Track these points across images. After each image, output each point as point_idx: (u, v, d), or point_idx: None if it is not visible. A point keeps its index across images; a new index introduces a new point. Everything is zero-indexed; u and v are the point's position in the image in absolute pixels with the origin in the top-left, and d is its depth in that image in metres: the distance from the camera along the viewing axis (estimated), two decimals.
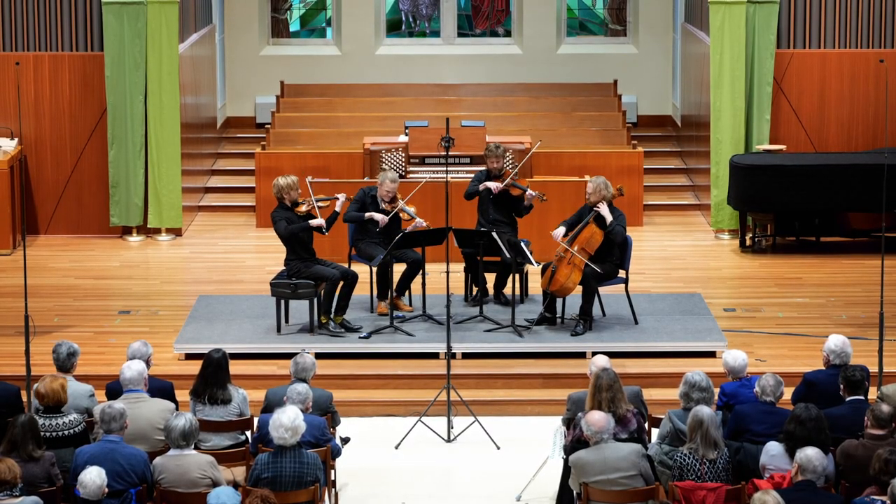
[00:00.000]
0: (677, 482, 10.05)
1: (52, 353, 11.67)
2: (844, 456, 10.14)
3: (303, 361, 11.55)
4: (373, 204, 15.15)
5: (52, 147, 18.42)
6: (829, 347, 11.53)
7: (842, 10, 18.39)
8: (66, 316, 15.54)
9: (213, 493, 9.23)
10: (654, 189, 19.62)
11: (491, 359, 14.35)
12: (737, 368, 11.40)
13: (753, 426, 10.69)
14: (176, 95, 18.15)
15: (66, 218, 18.54)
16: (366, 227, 15.06)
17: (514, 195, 15.11)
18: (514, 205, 15.19)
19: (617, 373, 10.98)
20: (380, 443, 13.25)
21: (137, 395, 11.06)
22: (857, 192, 17.31)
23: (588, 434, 10.33)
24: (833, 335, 11.65)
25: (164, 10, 17.97)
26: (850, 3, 18.38)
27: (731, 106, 18.21)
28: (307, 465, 10.21)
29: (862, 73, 18.41)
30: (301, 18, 22.82)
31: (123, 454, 10.18)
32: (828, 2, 18.36)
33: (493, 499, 12.20)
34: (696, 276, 16.95)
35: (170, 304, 15.95)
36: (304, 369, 11.52)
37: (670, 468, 10.23)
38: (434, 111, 20.02)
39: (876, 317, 13.21)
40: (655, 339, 14.54)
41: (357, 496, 12.20)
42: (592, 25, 22.74)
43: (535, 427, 13.26)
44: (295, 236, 14.40)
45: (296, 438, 10.19)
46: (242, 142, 21.45)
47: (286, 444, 10.17)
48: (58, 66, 18.29)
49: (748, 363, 11.54)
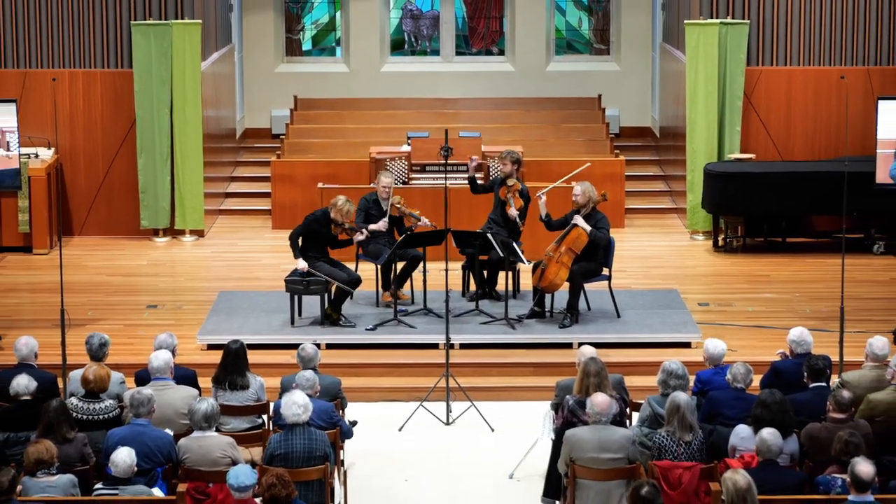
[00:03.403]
0: (656, 461, 10.05)
1: (86, 344, 11.67)
2: (808, 438, 10.14)
3: (305, 353, 11.56)
4: (375, 207, 15.16)
5: (86, 156, 18.41)
6: (790, 338, 11.55)
7: (806, 31, 18.40)
8: (98, 310, 15.54)
9: (233, 472, 9.23)
10: (634, 194, 19.61)
11: (486, 349, 14.34)
12: (716, 356, 11.40)
13: (725, 411, 10.69)
14: (199, 109, 18.15)
15: (98, 220, 18.54)
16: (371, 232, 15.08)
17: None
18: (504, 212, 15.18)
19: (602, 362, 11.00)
20: (384, 426, 13.24)
21: (164, 383, 11.07)
22: (820, 197, 17.32)
23: (590, 413, 10.32)
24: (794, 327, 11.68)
25: (188, 31, 17.98)
26: (814, 24, 18.38)
27: (704, 118, 18.21)
28: (316, 442, 10.22)
29: (824, 88, 18.40)
30: (313, 38, 22.81)
31: (151, 436, 10.18)
32: (793, 23, 18.37)
33: (488, 476, 12.20)
34: (672, 274, 16.95)
35: (193, 299, 15.95)
36: (310, 359, 11.52)
37: (649, 448, 10.24)
38: (434, 123, 20.00)
39: (837, 310, 13.23)
40: (636, 331, 14.54)
41: (364, 475, 12.20)
42: (578, 45, 22.73)
43: (526, 411, 13.25)
44: (294, 242, 14.52)
45: (307, 415, 10.21)
46: (259, 151, 21.45)
47: (298, 422, 10.19)
48: (91, 81, 18.29)
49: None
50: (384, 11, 22.53)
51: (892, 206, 17.33)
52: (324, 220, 14.60)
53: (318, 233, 14.63)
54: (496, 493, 11.90)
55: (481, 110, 21.32)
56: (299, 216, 18.28)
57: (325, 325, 14.54)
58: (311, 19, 22.74)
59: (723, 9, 18.26)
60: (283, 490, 9.10)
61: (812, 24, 18.39)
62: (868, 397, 10.65)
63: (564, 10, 22.58)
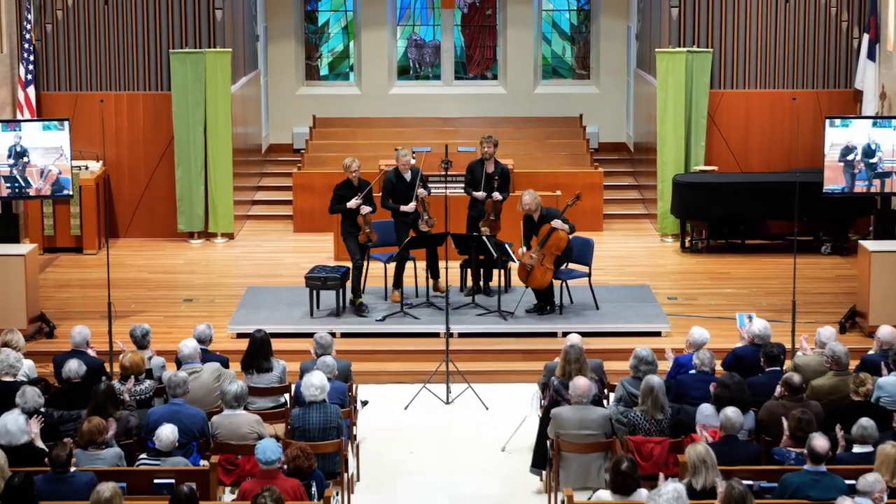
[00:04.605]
0: (630, 436, 10.05)
1: (130, 334, 11.67)
2: (766, 414, 10.14)
3: (322, 340, 11.53)
4: (399, 181, 15.00)
5: (130, 168, 18.40)
6: (752, 331, 11.52)
7: (762, 59, 18.39)
8: (140, 303, 15.53)
9: (261, 447, 9.22)
10: (611, 201, 19.59)
11: (481, 337, 14.33)
12: (699, 342, 11.34)
13: (691, 392, 10.69)
14: (229, 127, 18.13)
15: (140, 225, 18.53)
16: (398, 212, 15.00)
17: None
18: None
19: (582, 348, 11.00)
20: (392, 405, 13.23)
21: (195, 367, 11.07)
22: (775, 204, 17.31)
23: (572, 394, 10.31)
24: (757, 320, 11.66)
25: (219, 58, 17.96)
26: (769, 53, 18.37)
27: (673, 135, 18.19)
28: (330, 416, 10.26)
29: (779, 108, 18.39)
30: (329, 65, 22.79)
31: (186, 414, 10.18)
32: (751, 52, 18.36)
33: (483, 449, 12.20)
34: (645, 272, 16.94)
35: (224, 294, 15.94)
36: (326, 345, 11.50)
37: (625, 425, 10.23)
38: (436, 139, 19.97)
39: (790, 304, 13.22)
40: (613, 321, 14.52)
41: (374, 448, 12.19)
42: (562, 70, 22.71)
43: (516, 392, 13.23)
44: (335, 209, 14.73)
45: (323, 395, 10.26)
46: (282, 164, 21.43)
47: (316, 400, 10.21)
48: (134, 103, 18.27)
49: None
50: (392, 41, 22.52)
51: (838, 213, 17.35)
52: (344, 186, 14.62)
53: (347, 198, 14.59)
54: (490, 464, 11.89)
55: (477, 128, 21.25)
56: (318, 221, 18.39)
57: (341, 316, 14.53)
58: (327, 48, 22.72)
59: (689, 39, 18.25)
60: (306, 462, 9.26)
61: (768, 52, 18.39)
62: (812, 383, 10.66)
63: (550, 40, 22.57)
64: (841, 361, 10.70)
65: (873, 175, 14.71)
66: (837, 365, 10.69)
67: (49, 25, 18.08)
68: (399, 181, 15.00)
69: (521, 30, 22.24)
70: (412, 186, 14.93)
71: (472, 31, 22.72)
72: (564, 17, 22.59)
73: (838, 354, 10.71)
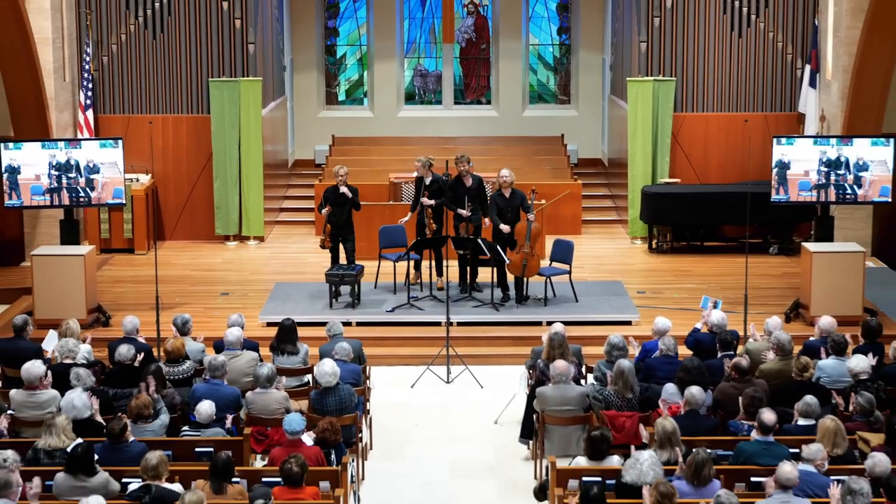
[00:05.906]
0: (605, 411, 10.07)
1: (172, 322, 11.68)
2: (720, 393, 10.15)
3: (332, 326, 11.59)
4: (420, 183, 14.99)
5: (174, 180, 18.40)
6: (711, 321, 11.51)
7: (719, 87, 18.40)
8: (183, 296, 15.53)
9: (287, 419, 9.24)
10: (588, 209, 19.58)
11: (477, 326, 14.34)
12: (662, 329, 11.32)
13: (658, 373, 10.70)
14: (260, 145, 18.14)
15: (183, 229, 18.52)
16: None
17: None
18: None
19: (564, 335, 11.01)
20: (400, 384, 13.25)
21: (235, 353, 11.08)
22: (729, 211, 17.32)
23: (552, 375, 10.33)
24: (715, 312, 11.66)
25: (252, 86, 17.97)
26: (725, 81, 18.38)
27: (642, 152, 18.20)
28: (344, 400, 10.26)
29: (733, 129, 18.39)
30: (346, 91, 22.78)
31: (224, 392, 10.19)
32: (710, 81, 18.37)
33: (479, 422, 12.21)
34: (617, 269, 16.93)
35: (256, 289, 15.94)
36: (337, 332, 11.55)
37: (600, 401, 10.25)
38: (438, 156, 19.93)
39: (742, 297, 13.23)
40: (590, 312, 14.53)
41: (385, 422, 12.20)
42: (547, 96, 22.71)
43: (507, 373, 13.24)
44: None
45: (336, 380, 10.25)
46: (306, 177, 21.42)
47: (330, 386, 10.21)
48: (178, 124, 18.28)
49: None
50: (400, 71, 22.53)
51: (784, 219, 17.36)
52: (333, 190, 14.61)
53: (331, 200, 14.63)
54: (485, 435, 11.92)
55: (473, 146, 21.28)
56: None
57: (355, 307, 14.53)
58: (345, 77, 22.72)
59: (656, 69, 18.26)
60: (333, 436, 9.34)
61: (723, 81, 18.40)
62: (760, 367, 10.69)
63: (536, 70, 22.58)
64: (785, 348, 10.71)
65: (815, 186, 14.70)
66: (782, 351, 10.70)
67: (105, 58, 18.10)
68: (420, 183, 14.91)
69: (511, 61, 22.24)
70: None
71: (469, 62, 22.73)
72: (548, 51, 22.60)
73: (782, 342, 10.72)
